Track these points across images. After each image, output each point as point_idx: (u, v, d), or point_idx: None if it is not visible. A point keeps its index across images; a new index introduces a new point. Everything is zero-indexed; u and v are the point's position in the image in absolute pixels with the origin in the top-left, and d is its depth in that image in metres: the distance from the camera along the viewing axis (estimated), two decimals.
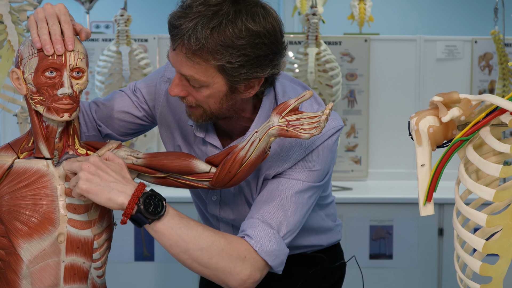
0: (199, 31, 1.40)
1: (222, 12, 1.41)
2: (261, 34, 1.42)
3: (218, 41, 1.40)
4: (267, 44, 1.44)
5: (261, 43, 1.43)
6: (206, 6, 1.41)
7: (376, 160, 3.68)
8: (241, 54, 1.42)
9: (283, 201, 1.54)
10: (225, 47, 1.41)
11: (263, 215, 1.52)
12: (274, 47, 1.46)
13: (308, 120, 1.42)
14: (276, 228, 1.52)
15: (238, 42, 1.41)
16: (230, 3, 1.42)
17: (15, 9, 2.28)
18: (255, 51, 1.43)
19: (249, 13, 1.42)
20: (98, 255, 1.44)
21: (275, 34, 1.46)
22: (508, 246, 1.09)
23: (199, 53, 1.41)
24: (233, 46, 1.41)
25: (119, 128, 1.72)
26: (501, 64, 3.45)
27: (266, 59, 1.45)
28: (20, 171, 1.40)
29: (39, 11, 1.38)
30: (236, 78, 1.45)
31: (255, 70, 1.45)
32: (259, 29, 1.42)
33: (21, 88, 1.38)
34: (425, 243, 3.22)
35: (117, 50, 3.30)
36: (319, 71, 3.29)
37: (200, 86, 1.47)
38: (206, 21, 1.40)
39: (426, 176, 1.12)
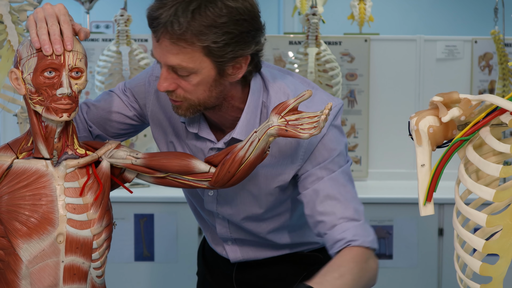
0: (180, 15, 1.41)
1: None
2: (240, 10, 1.45)
3: (201, 22, 1.42)
4: (247, 20, 1.46)
5: (242, 19, 1.45)
6: None
7: (376, 160, 3.67)
8: (224, 32, 1.44)
9: (343, 195, 1.60)
10: (208, 27, 1.42)
11: (343, 215, 1.58)
12: (255, 23, 1.49)
13: (307, 120, 1.41)
14: (358, 217, 1.60)
15: (220, 20, 1.43)
16: None
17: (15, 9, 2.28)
18: (237, 27, 1.45)
19: None
20: (97, 255, 1.44)
21: (254, 10, 1.48)
22: (508, 246, 1.08)
23: (184, 37, 1.42)
24: (216, 25, 1.43)
25: (109, 128, 1.72)
26: (501, 64, 3.45)
27: (249, 36, 1.48)
28: (19, 171, 1.40)
29: (38, 11, 1.38)
30: (223, 58, 1.47)
31: (240, 47, 1.47)
32: (238, 5, 1.44)
33: (20, 88, 1.38)
34: (425, 243, 3.22)
35: (117, 50, 3.30)
36: (319, 71, 3.29)
37: (188, 74, 1.47)
38: (185, 5, 1.42)
39: (426, 176, 1.12)
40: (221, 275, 1.91)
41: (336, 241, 1.57)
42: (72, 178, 1.42)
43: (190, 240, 3.18)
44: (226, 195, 1.70)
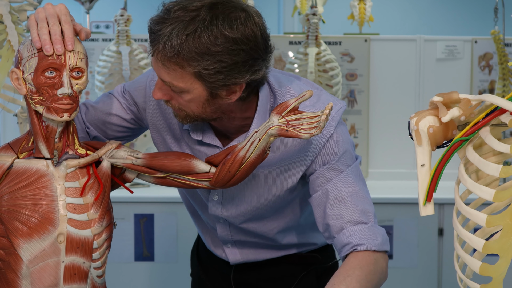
0: (174, 37, 1.38)
1: (198, 18, 1.39)
2: (238, 41, 1.40)
3: (193, 48, 1.38)
4: (245, 50, 1.41)
5: (239, 49, 1.40)
6: (184, 11, 1.40)
7: (376, 160, 3.67)
8: (217, 61, 1.40)
9: (351, 196, 1.58)
10: (200, 54, 1.39)
11: (350, 218, 1.57)
12: (254, 53, 1.43)
13: (308, 120, 1.41)
14: (367, 219, 1.58)
15: (214, 49, 1.39)
16: (208, 8, 1.40)
17: (15, 9, 2.28)
18: (232, 57, 1.40)
19: (226, 18, 1.40)
20: (98, 255, 1.44)
21: (255, 39, 1.42)
22: (508, 246, 1.09)
23: (174, 60, 1.40)
24: (209, 53, 1.39)
25: (107, 130, 1.71)
26: (501, 64, 3.45)
27: (244, 65, 1.43)
28: (19, 171, 1.40)
29: (39, 11, 1.38)
30: (214, 84, 1.44)
31: (233, 76, 1.43)
32: (236, 36, 1.39)
33: (20, 88, 1.38)
34: (425, 243, 3.22)
35: (117, 50, 3.30)
36: (319, 71, 3.29)
37: (180, 91, 1.46)
38: (182, 27, 1.38)
39: (426, 176, 1.12)
40: (218, 276, 1.91)
41: (343, 245, 1.56)
42: (72, 178, 1.43)
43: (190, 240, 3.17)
44: (233, 200, 1.69)
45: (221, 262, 1.87)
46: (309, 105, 1.56)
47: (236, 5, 1.43)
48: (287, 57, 3.55)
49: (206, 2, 1.41)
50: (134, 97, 1.70)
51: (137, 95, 1.70)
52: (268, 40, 1.47)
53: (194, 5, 1.40)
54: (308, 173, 1.63)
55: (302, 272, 1.85)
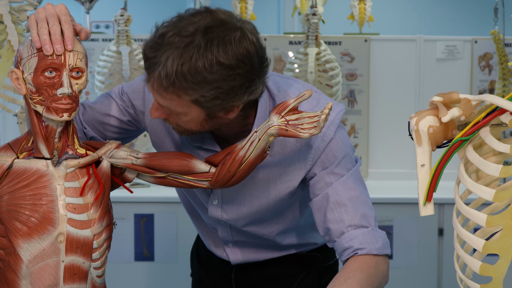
0: (169, 68, 1.35)
1: (193, 45, 1.35)
2: (234, 66, 1.36)
3: (189, 78, 1.36)
4: (241, 74, 1.38)
5: (235, 74, 1.37)
6: (178, 37, 1.36)
7: (376, 160, 3.67)
8: (214, 88, 1.37)
9: (352, 200, 1.58)
10: (196, 82, 1.36)
11: (350, 223, 1.56)
12: (250, 75, 1.40)
13: (308, 119, 1.41)
14: (367, 223, 1.57)
15: (210, 77, 1.36)
16: (202, 33, 1.36)
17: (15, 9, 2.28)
18: (228, 83, 1.38)
19: (221, 43, 1.36)
20: (97, 255, 1.44)
21: (250, 60, 1.39)
22: (508, 246, 1.09)
23: (170, 90, 1.38)
24: (205, 81, 1.36)
25: (103, 131, 1.70)
26: (501, 64, 3.45)
27: (241, 88, 1.41)
28: (19, 171, 1.40)
29: (39, 11, 1.38)
30: (212, 108, 1.42)
31: (230, 100, 1.41)
32: (232, 62, 1.36)
33: (20, 88, 1.38)
34: (425, 243, 3.22)
35: (117, 50, 3.30)
36: (319, 71, 3.29)
37: (177, 114, 1.45)
38: (177, 55, 1.35)
39: (426, 176, 1.12)
40: (219, 276, 1.91)
41: (344, 249, 1.56)
42: (72, 178, 1.43)
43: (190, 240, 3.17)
44: (232, 203, 1.69)
45: (221, 263, 1.87)
46: (309, 109, 1.55)
47: (231, 25, 1.39)
48: (287, 57, 3.55)
49: (200, 27, 1.37)
50: (132, 100, 1.68)
51: (135, 97, 1.68)
52: (264, 56, 1.44)
53: (188, 30, 1.37)
54: (308, 177, 1.62)
55: (303, 272, 1.85)
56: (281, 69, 3.56)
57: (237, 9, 3.64)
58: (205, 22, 1.38)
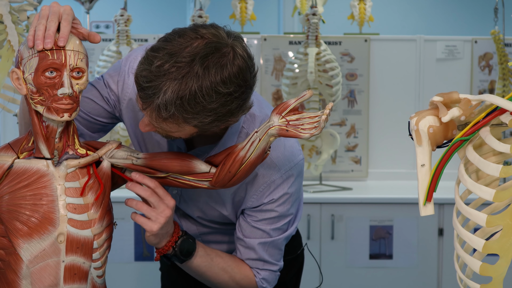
0: (168, 99, 1.34)
1: (191, 75, 1.34)
2: (232, 92, 1.37)
3: (189, 109, 1.35)
4: (238, 97, 1.39)
5: (232, 98, 1.38)
6: (175, 67, 1.34)
7: (376, 160, 3.68)
8: (212, 114, 1.38)
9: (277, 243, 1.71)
10: (195, 112, 1.36)
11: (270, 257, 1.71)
12: (245, 94, 1.41)
13: (308, 120, 1.42)
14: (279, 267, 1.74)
15: (209, 106, 1.36)
16: (200, 62, 1.34)
17: (15, 9, 2.28)
18: (226, 107, 1.38)
19: (218, 70, 1.35)
20: (98, 255, 1.44)
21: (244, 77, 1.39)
22: (508, 246, 1.09)
23: (170, 120, 1.38)
24: (204, 110, 1.36)
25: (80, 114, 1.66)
26: (501, 64, 3.45)
27: (238, 109, 1.41)
28: (20, 171, 1.40)
29: (44, 8, 1.39)
30: (208, 129, 1.43)
31: (227, 119, 1.42)
32: (230, 90, 1.36)
33: (21, 88, 1.38)
34: (425, 243, 3.22)
35: (117, 50, 3.30)
36: (319, 71, 3.29)
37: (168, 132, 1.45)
38: (175, 86, 1.34)
39: (426, 176, 1.12)
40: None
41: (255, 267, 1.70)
42: (73, 178, 1.43)
43: None
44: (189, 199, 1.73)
45: None
46: None
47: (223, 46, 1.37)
48: (287, 57, 3.55)
49: (197, 55, 1.35)
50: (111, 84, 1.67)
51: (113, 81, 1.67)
52: (253, 65, 1.43)
53: (184, 60, 1.34)
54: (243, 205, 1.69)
55: None
56: (281, 69, 3.56)
57: (237, 9, 3.64)
58: (199, 49, 1.35)
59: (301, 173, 1.68)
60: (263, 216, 1.66)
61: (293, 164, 1.65)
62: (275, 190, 1.64)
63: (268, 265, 1.71)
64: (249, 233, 1.68)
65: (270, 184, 1.63)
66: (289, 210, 1.68)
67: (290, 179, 1.65)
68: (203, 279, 1.68)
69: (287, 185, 1.64)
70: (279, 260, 1.74)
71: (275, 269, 1.73)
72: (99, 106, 1.67)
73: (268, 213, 1.66)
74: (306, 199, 3.24)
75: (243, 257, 1.70)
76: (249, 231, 1.68)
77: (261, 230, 1.67)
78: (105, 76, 1.69)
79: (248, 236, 1.68)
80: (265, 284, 1.71)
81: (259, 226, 1.67)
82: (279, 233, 1.69)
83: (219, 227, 1.79)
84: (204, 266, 1.63)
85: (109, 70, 1.71)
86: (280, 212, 1.66)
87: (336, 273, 3.20)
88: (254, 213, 1.67)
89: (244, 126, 1.63)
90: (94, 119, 1.67)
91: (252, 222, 1.67)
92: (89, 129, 1.69)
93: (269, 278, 1.72)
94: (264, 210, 1.66)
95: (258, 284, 1.71)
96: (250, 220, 1.68)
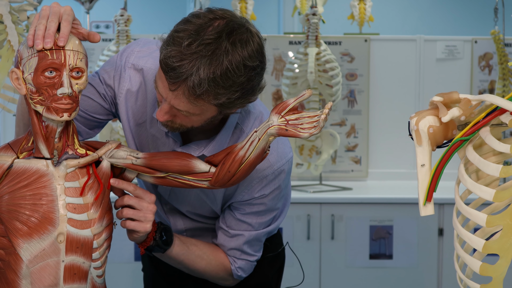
0: (201, 75, 1.38)
1: (220, 51, 1.39)
2: (255, 66, 1.43)
3: (221, 84, 1.40)
4: (259, 73, 1.45)
5: (255, 73, 1.44)
6: (202, 45, 1.38)
7: (376, 160, 3.67)
8: (239, 89, 1.43)
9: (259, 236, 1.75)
10: (227, 87, 1.41)
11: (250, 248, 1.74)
12: (263, 71, 1.47)
13: (308, 119, 1.42)
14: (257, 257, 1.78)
15: (238, 80, 1.41)
16: (226, 38, 1.40)
17: (15, 9, 2.28)
18: (250, 83, 1.44)
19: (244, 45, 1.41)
20: (97, 255, 1.44)
21: (263, 54, 1.46)
22: (508, 246, 1.09)
23: (203, 97, 1.41)
24: (234, 84, 1.41)
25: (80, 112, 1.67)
26: (501, 64, 3.45)
27: (258, 86, 1.47)
28: (19, 171, 1.40)
29: (45, 8, 1.39)
30: (231, 108, 1.48)
31: (248, 97, 1.47)
32: (254, 64, 1.42)
33: (20, 88, 1.38)
34: (425, 243, 3.22)
35: (117, 50, 3.30)
36: (319, 71, 3.29)
37: (191, 115, 1.47)
38: (206, 63, 1.38)
39: (426, 176, 1.12)
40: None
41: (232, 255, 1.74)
42: (72, 178, 1.43)
43: None
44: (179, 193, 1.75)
45: None
46: None
47: (241, 24, 1.44)
48: (287, 57, 3.55)
49: (222, 31, 1.40)
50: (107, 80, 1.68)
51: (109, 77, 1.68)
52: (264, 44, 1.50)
53: (210, 37, 1.39)
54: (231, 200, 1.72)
55: None
56: (281, 69, 3.56)
57: (237, 9, 3.64)
58: (222, 27, 1.41)
59: (290, 170, 1.72)
60: (251, 210, 1.69)
61: (285, 160, 1.68)
62: (266, 186, 1.66)
63: (246, 256, 1.75)
64: (233, 225, 1.71)
65: (262, 180, 1.65)
66: (277, 204, 1.72)
67: (281, 175, 1.67)
68: (182, 267, 1.71)
69: (279, 181, 1.67)
70: (257, 251, 1.78)
71: (253, 260, 1.77)
72: (96, 103, 1.68)
73: (256, 206, 1.68)
74: (306, 199, 3.25)
75: (222, 244, 1.74)
76: (234, 223, 1.71)
77: (247, 223, 1.71)
78: (100, 72, 1.70)
79: (232, 228, 1.71)
80: (239, 272, 1.75)
81: (245, 219, 1.70)
82: (263, 227, 1.73)
83: (206, 221, 1.81)
84: (182, 254, 1.66)
85: (103, 65, 1.72)
86: (268, 206, 1.69)
87: (336, 273, 3.20)
88: (243, 206, 1.69)
89: (239, 122, 1.65)
90: (91, 116, 1.69)
91: (238, 215, 1.70)
92: (86, 126, 1.70)
93: (245, 267, 1.76)
94: (253, 204, 1.68)
95: (233, 272, 1.74)
96: (236, 213, 1.70)
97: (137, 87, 1.67)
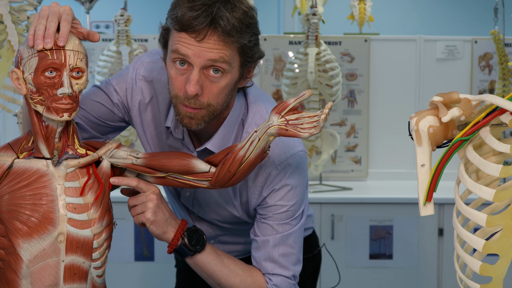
0: (224, 12, 1.45)
1: None
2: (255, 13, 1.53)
3: (241, 20, 1.47)
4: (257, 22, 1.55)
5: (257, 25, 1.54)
6: None
7: (376, 160, 3.67)
8: (253, 33, 1.51)
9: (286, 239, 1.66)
10: (245, 26, 1.48)
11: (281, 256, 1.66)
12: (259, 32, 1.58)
13: (308, 119, 1.42)
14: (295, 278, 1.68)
15: (251, 21, 1.50)
16: None
17: (15, 9, 2.28)
18: (257, 29, 1.54)
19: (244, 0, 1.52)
20: (97, 255, 1.44)
21: None
22: (508, 246, 1.09)
23: (231, 33, 1.46)
24: (249, 25, 1.50)
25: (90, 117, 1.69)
26: (501, 64, 3.45)
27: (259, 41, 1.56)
28: (19, 171, 1.40)
29: (44, 8, 1.39)
30: (250, 58, 1.53)
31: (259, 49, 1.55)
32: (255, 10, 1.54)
33: (20, 88, 1.38)
34: (425, 243, 3.22)
35: (117, 50, 3.30)
36: (319, 71, 3.29)
37: (221, 74, 1.48)
38: (224, 4, 1.46)
39: (426, 176, 1.12)
40: None
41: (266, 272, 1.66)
42: (72, 178, 1.43)
43: None
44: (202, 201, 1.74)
45: None
46: None
47: None
48: (287, 57, 3.55)
49: None
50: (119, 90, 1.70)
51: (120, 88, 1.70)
52: None
53: None
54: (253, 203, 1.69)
55: None
56: (281, 69, 3.56)
57: None
58: None
59: (300, 164, 1.66)
60: (270, 212, 1.65)
61: (288, 155, 1.64)
62: (272, 182, 1.63)
63: (279, 269, 1.66)
64: (259, 232, 1.67)
65: (267, 178, 1.63)
66: (294, 204, 1.66)
67: (287, 170, 1.63)
68: (214, 282, 1.65)
69: (285, 176, 1.63)
70: (294, 264, 1.68)
71: (288, 275, 1.67)
72: (109, 110, 1.70)
73: (273, 207, 1.65)
74: None
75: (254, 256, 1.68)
76: (257, 228, 1.67)
77: (268, 225, 1.65)
78: (112, 83, 1.71)
79: (257, 235, 1.67)
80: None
81: (267, 222, 1.65)
82: (287, 228, 1.66)
83: (234, 227, 1.79)
84: (214, 265, 1.62)
85: (115, 77, 1.73)
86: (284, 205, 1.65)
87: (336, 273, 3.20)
88: (261, 210, 1.66)
89: (243, 117, 1.65)
90: (104, 123, 1.70)
91: (260, 219, 1.67)
92: (98, 132, 1.72)
93: (281, 285, 1.66)
94: (269, 205, 1.65)
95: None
96: (259, 217, 1.67)
97: (149, 98, 1.69)
